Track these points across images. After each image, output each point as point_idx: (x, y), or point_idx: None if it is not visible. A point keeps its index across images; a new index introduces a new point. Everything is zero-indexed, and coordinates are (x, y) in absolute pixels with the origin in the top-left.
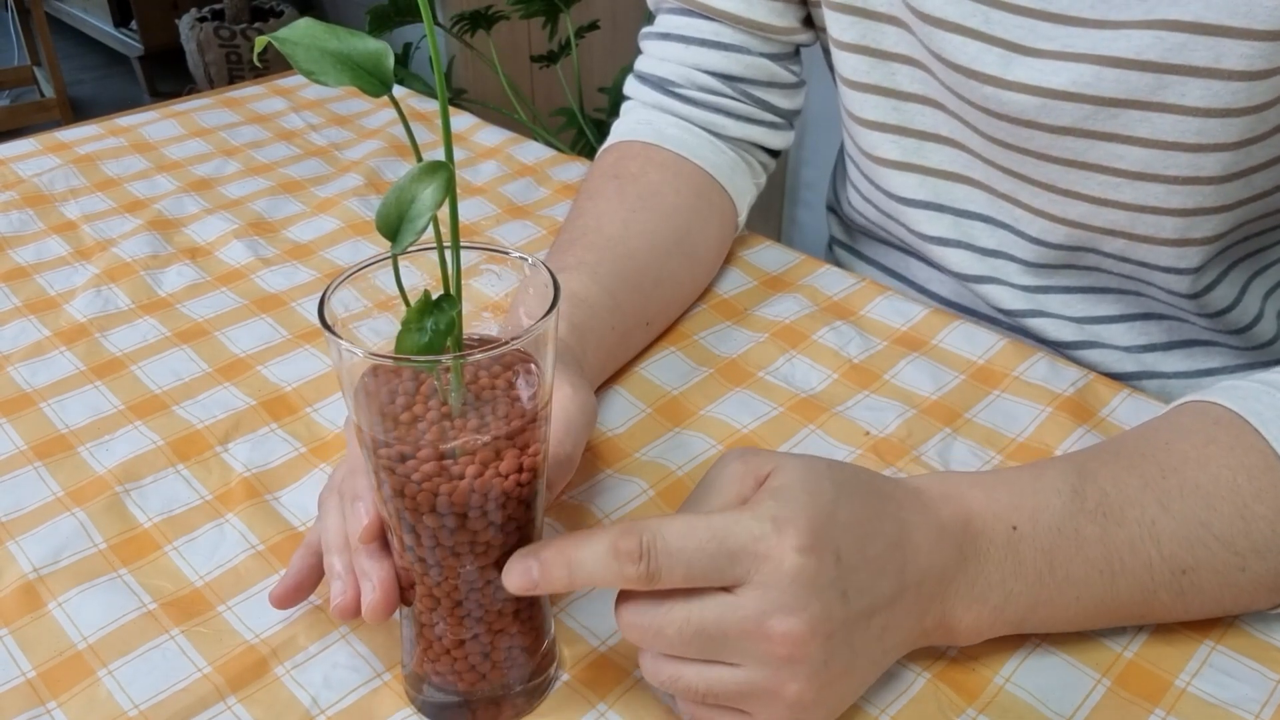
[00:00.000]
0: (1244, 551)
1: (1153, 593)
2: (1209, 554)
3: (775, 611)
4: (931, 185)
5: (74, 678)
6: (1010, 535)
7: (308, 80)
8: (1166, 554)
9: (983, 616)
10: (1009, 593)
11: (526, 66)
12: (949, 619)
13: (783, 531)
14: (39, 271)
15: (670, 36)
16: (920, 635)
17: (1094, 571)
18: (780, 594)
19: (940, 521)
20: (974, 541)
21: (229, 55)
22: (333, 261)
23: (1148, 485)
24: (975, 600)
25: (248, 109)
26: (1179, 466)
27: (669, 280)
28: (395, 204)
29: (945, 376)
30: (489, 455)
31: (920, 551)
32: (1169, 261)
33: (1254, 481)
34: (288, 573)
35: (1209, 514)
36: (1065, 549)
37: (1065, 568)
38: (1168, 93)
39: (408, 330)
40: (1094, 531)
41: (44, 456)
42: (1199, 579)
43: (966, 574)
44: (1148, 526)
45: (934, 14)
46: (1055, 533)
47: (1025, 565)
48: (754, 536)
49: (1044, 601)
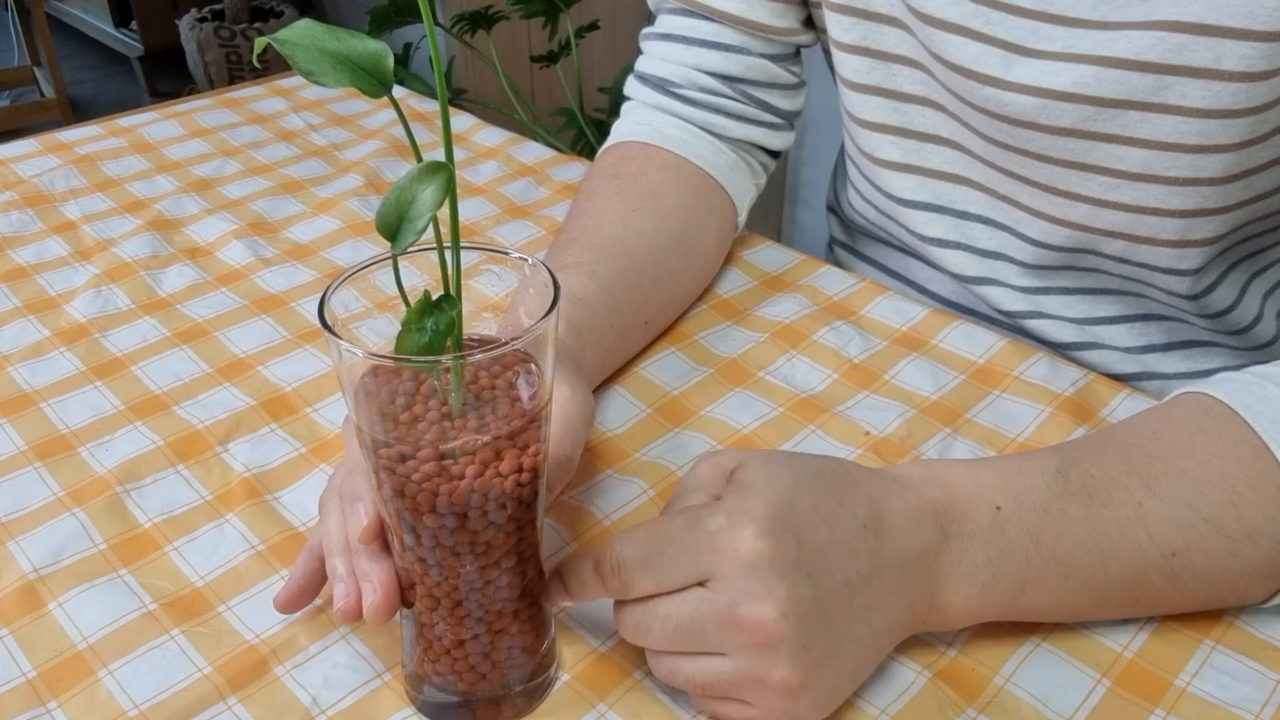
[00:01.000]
0: (1235, 535)
1: (1144, 574)
2: (1199, 536)
3: (742, 600)
4: (931, 187)
5: (74, 678)
6: (995, 515)
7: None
8: (1155, 535)
9: (971, 597)
10: (996, 572)
11: (526, 66)
12: (938, 600)
13: (738, 523)
14: (39, 271)
15: (671, 37)
16: (913, 619)
17: (1082, 551)
18: (745, 582)
19: (920, 502)
20: (958, 522)
21: (229, 55)
22: (333, 262)
23: (1134, 470)
24: (963, 581)
25: (248, 109)
26: (1165, 454)
27: (668, 280)
28: (395, 204)
29: (945, 376)
30: (489, 455)
31: (898, 532)
32: (1169, 263)
33: (1243, 469)
34: (291, 577)
35: (1197, 498)
36: (1051, 529)
37: (1053, 548)
38: (1168, 94)
39: (408, 330)
40: (1080, 512)
41: (44, 456)
42: (1191, 561)
43: (951, 554)
44: (1134, 508)
45: (935, 15)
46: (1041, 513)
47: (1012, 545)
48: (711, 531)
49: (1032, 581)
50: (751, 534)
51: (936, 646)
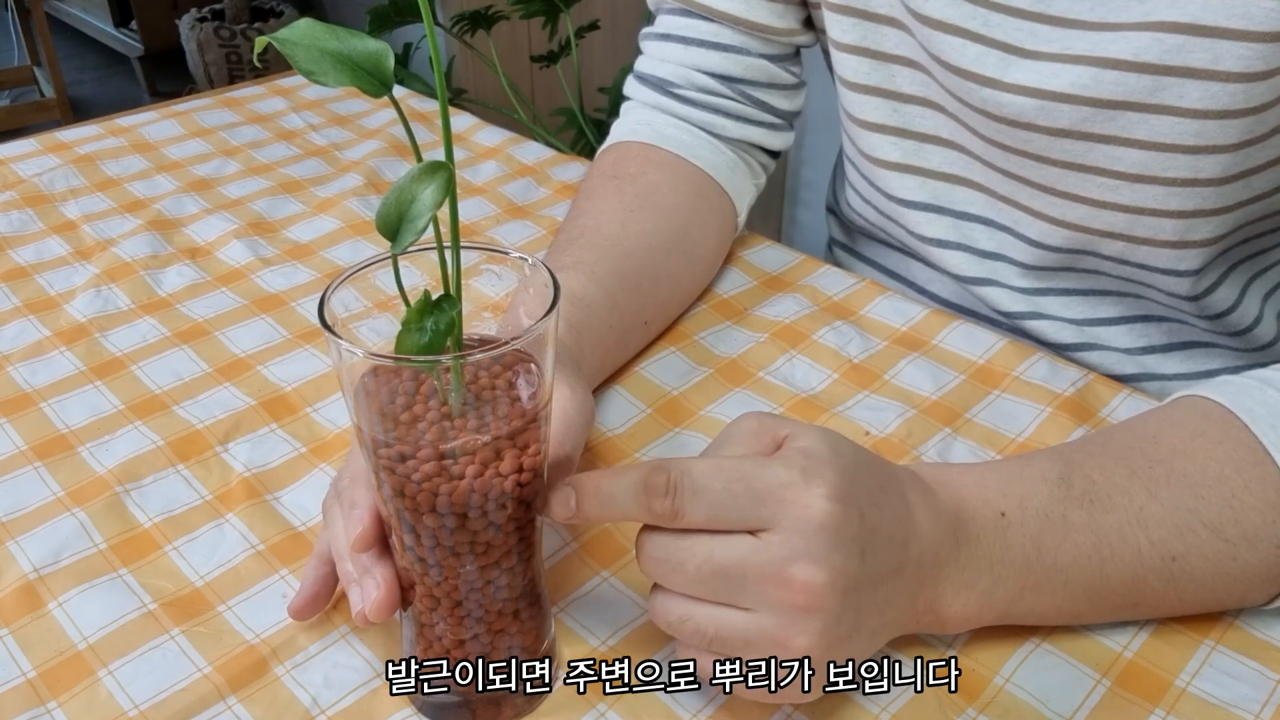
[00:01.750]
0: (1234, 539)
1: (1143, 579)
2: (1199, 540)
3: (799, 558)
4: (931, 187)
5: (74, 678)
6: (999, 521)
7: (308, 80)
8: (1155, 539)
9: (970, 603)
10: (996, 578)
11: (526, 66)
12: (938, 604)
13: (811, 480)
14: (39, 271)
15: (670, 37)
16: (912, 619)
17: (1082, 557)
18: (806, 541)
19: (937, 505)
20: (965, 527)
21: (229, 55)
22: (333, 261)
23: (1135, 474)
24: (964, 586)
25: (248, 109)
26: (1166, 458)
27: (667, 279)
28: (395, 204)
29: (945, 376)
30: (489, 455)
31: (921, 530)
32: (1168, 263)
33: (1242, 474)
34: (303, 585)
35: (1197, 502)
36: (1053, 535)
37: (1053, 554)
38: (1166, 94)
39: (407, 330)
40: (1081, 518)
41: (44, 456)
42: (1190, 565)
43: (958, 559)
44: (1135, 513)
45: (933, 16)
46: (1043, 519)
47: (1013, 550)
48: (782, 483)
49: (1030, 587)
50: (824, 494)
51: (936, 646)
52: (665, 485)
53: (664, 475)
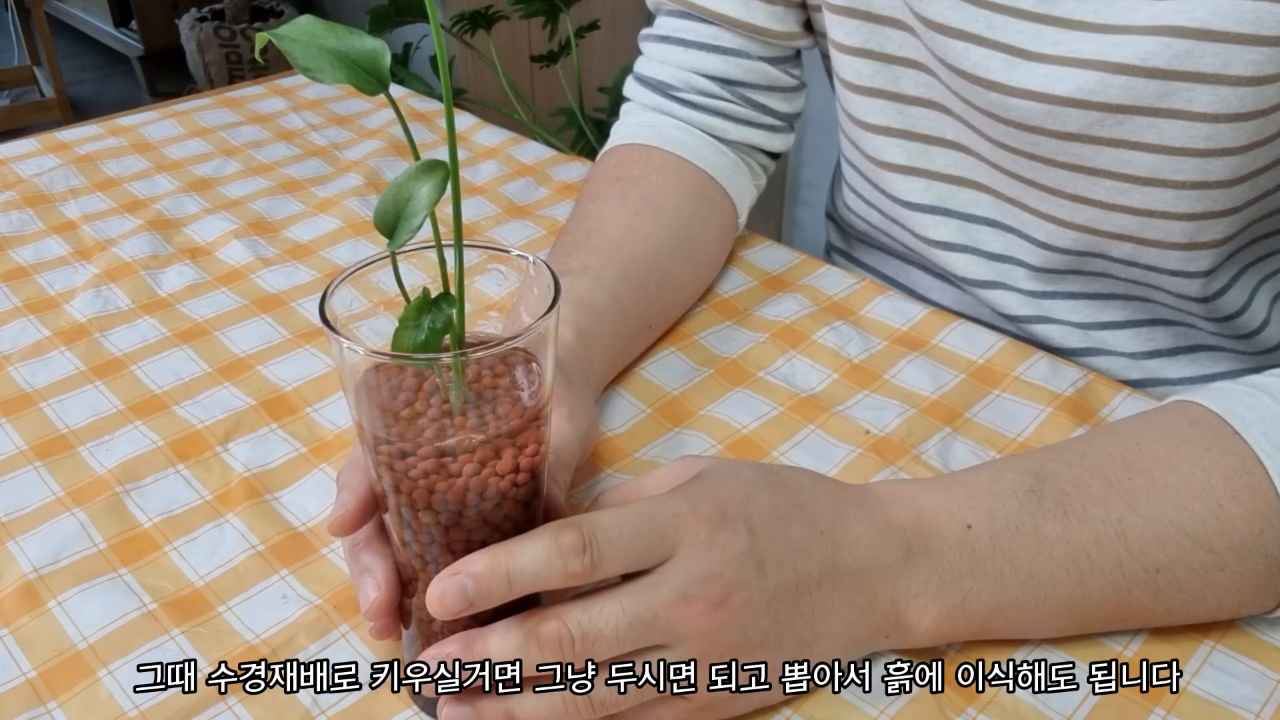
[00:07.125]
0: (1220, 550)
1: (1127, 592)
2: (1182, 552)
3: (693, 580)
4: (937, 190)
5: (74, 678)
6: (965, 534)
7: (308, 80)
8: (1136, 552)
9: (942, 617)
10: (967, 592)
11: (526, 66)
12: (903, 619)
13: (698, 506)
14: (39, 271)
15: (669, 39)
16: (870, 634)
17: (1060, 570)
18: (697, 563)
19: (886, 518)
20: (924, 540)
21: (229, 55)
22: (333, 261)
23: (1112, 485)
24: (932, 600)
25: (248, 109)
26: (1147, 468)
27: (671, 282)
28: (393, 201)
29: (945, 376)
30: (488, 454)
31: (860, 543)
32: (1178, 265)
33: (1229, 483)
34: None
35: (1178, 513)
36: (1025, 548)
37: (1028, 567)
38: (1175, 99)
39: (405, 328)
40: (1055, 530)
41: (44, 456)
42: (1175, 577)
43: (918, 572)
44: (1114, 525)
45: (937, 19)
46: (1014, 531)
47: (983, 564)
48: (676, 513)
49: (1009, 602)
50: (704, 517)
51: (937, 647)
52: (580, 542)
53: (574, 532)
